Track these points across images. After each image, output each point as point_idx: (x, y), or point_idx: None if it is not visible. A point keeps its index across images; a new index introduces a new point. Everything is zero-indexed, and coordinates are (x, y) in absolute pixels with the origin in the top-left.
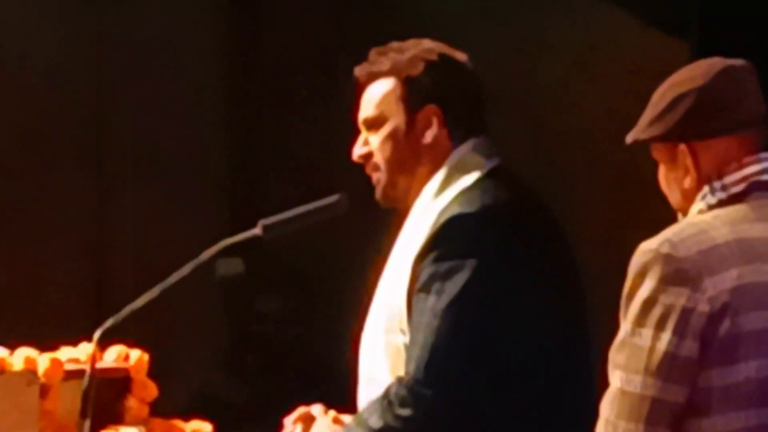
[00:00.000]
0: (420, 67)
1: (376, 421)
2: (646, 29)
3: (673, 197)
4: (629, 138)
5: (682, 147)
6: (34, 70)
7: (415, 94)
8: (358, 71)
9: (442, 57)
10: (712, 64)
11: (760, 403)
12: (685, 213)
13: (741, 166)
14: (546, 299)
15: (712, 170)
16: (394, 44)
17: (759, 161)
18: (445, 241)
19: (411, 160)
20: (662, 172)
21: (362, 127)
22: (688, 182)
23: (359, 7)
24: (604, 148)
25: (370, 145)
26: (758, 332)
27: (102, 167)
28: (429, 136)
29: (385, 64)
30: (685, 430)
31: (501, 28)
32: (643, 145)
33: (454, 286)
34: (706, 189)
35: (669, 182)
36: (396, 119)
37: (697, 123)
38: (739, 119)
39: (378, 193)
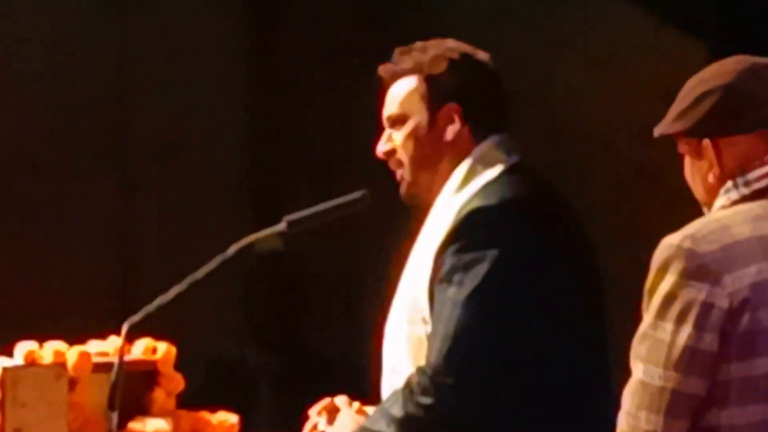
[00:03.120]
0: (442, 66)
1: (398, 411)
2: (662, 28)
3: (697, 191)
4: (656, 132)
5: (706, 142)
6: (60, 72)
7: (436, 92)
8: (383, 70)
9: (464, 56)
10: (739, 61)
11: None
12: (709, 207)
13: (764, 163)
14: (566, 292)
15: (736, 166)
16: (418, 44)
17: None
18: (466, 233)
19: (433, 157)
20: (687, 166)
21: (386, 124)
22: (711, 177)
23: (378, 11)
24: (622, 144)
25: (393, 141)
26: None
27: (126, 166)
28: (450, 134)
29: (408, 62)
30: (705, 421)
31: (520, 28)
32: (669, 139)
33: (474, 277)
34: (729, 184)
35: (693, 176)
36: (418, 117)
37: (722, 120)
38: (763, 118)
39: (402, 190)
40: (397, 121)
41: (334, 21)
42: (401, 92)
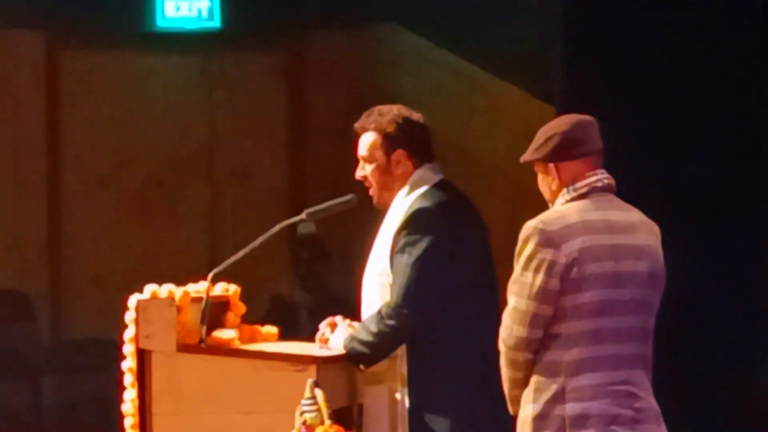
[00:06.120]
0: (392, 127)
1: (373, 327)
2: (530, 99)
3: (546, 195)
4: (522, 159)
5: (551, 165)
6: (174, 122)
7: (389, 143)
8: (356, 126)
9: (405, 119)
10: (571, 117)
11: (595, 315)
12: (552, 204)
13: (585, 177)
14: (472, 257)
15: (569, 180)
16: (377, 109)
17: (596, 174)
18: (412, 223)
19: (389, 182)
20: (540, 180)
21: (360, 160)
22: (554, 186)
23: (370, 93)
24: (507, 169)
25: (365, 171)
26: (594, 275)
27: (213, 181)
28: (399, 169)
29: (371, 123)
30: (552, 330)
31: (445, 99)
32: (529, 164)
33: (417, 249)
34: (564, 191)
35: (543, 186)
36: (378, 160)
37: (560, 152)
38: (585, 151)
39: (374, 200)
40: (366, 160)
41: (343, 90)
42: (367, 142)
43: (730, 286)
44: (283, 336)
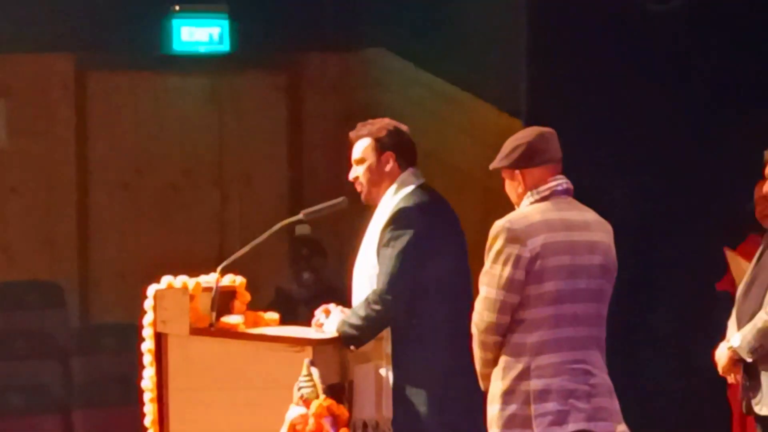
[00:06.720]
0: (383, 133)
1: (362, 312)
2: (501, 114)
3: (512, 198)
4: (491, 166)
5: (517, 172)
6: (187, 133)
7: (380, 147)
8: (351, 134)
9: (395, 127)
10: (534, 129)
11: (555, 302)
12: (518, 206)
13: (547, 182)
14: (448, 251)
15: (532, 185)
16: (370, 120)
17: (556, 179)
18: (395, 221)
19: (378, 181)
20: (507, 185)
21: (353, 163)
22: (520, 190)
23: (363, 103)
24: (478, 175)
25: (357, 172)
26: (554, 267)
27: (222, 186)
28: (388, 168)
29: (365, 131)
30: (518, 316)
31: (425, 115)
32: (498, 171)
33: (400, 243)
34: (528, 194)
35: (510, 190)
36: (370, 160)
37: (525, 160)
38: (547, 159)
39: (362, 198)
40: (359, 161)
41: (336, 106)
42: (361, 146)
43: (672, 276)
44: (284, 321)
